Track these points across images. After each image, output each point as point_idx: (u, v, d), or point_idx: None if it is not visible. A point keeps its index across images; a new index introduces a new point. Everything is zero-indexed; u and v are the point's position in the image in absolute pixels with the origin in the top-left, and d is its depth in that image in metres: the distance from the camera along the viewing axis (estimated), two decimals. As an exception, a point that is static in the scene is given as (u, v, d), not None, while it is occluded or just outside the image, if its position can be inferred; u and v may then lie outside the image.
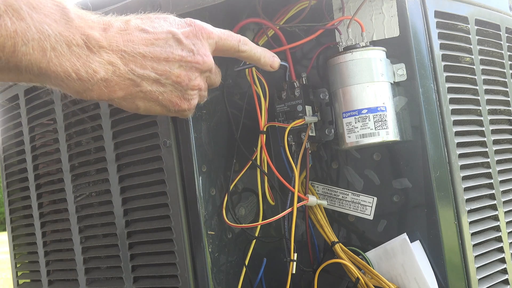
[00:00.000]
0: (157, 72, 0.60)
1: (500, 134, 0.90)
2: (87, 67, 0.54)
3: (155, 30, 0.60)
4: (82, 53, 0.54)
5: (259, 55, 0.71)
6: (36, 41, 0.50)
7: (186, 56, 0.62)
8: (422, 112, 0.74)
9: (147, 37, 0.59)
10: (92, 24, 0.56)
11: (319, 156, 0.82)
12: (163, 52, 0.60)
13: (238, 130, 0.80)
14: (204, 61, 0.63)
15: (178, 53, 0.61)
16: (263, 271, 0.80)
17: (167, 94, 0.62)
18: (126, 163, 0.82)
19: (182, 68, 0.62)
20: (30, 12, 0.50)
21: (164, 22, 0.62)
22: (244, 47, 0.69)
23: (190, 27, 0.63)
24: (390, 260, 0.74)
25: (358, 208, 0.79)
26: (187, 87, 0.63)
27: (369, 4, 0.76)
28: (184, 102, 0.64)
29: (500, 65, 0.92)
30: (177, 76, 0.62)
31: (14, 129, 1.02)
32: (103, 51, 0.56)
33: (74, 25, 0.54)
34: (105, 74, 0.56)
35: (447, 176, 0.75)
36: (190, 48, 0.62)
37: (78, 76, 0.54)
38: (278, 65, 0.74)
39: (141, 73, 0.59)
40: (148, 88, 0.61)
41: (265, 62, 0.72)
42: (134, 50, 0.58)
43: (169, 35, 0.61)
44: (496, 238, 0.84)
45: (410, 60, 0.74)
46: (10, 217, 1.07)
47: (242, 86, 0.83)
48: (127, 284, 0.83)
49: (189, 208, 0.75)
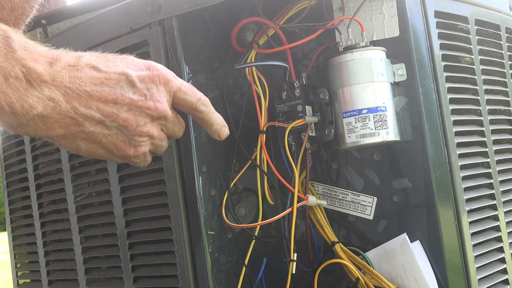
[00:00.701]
0: (103, 113, 0.57)
1: (500, 134, 0.90)
2: (23, 102, 0.51)
3: (108, 69, 0.57)
4: (20, 86, 0.51)
5: (214, 120, 0.67)
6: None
7: (137, 100, 0.58)
8: (422, 112, 0.74)
9: (97, 76, 0.56)
10: (37, 57, 0.53)
11: (319, 156, 0.82)
12: (112, 93, 0.57)
13: (238, 130, 0.80)
14: (156, 107, 0.60)
15: (128, 96, 0.58)
16: (263, 271, 0.80)
17: (111, 138, 0.59)
18: (126, 163, 0.82)
19: (131, 112, 0.58)
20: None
21: (121, 63, 0.58)
22: (202, 108, 0.65)
23: (148, 71, 0.59)
24: (390, 260, 0.74)
25: (358, 208, 0.79)
26: (134, 133, 0.59)
27: (369, 4, 0.76)
28: (129, 148, 0.61)
29: (500, 65, 0.92)
30: (124, 120, 0.58)
31: (14, 129, 1.02)
32: (45, 86, 0.53)
33: (15, 57, 0.51)
34: (43, 110, 0.53)
35: (447, 176, 0.75)
36: (142, 93, 0.59)
37: (12, 110, 0.51)
38: (225, 137, 0.70)
39: (84, 112, 0.55)
40: (91, 129, 0.57)
41: (215, 129, 0.68)
42: (80, 88, 0.55)
43: (122, 76, 0.58)
44: (496, 238, 0.84)
45: (410, 60, 0.74)
46: (10, 217, 1.07)
47: (242, 86, 0.83)
48: (127, 284, 0.83)
49: (189, 208, 0.75)
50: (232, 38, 0.78)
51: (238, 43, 0.80)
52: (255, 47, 0.79)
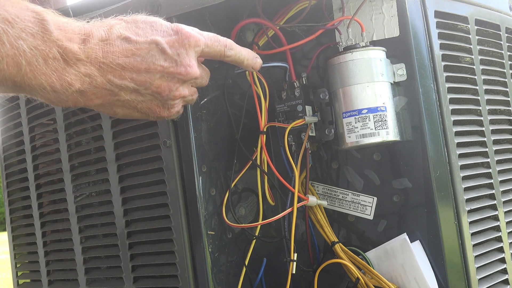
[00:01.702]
0: (136, 82, 0.59)
1: (500, 134, 0.90)
2: (62, 80, 0.54)
3: (138, 38, 0.59)
4: (58, 66, 0.54)
5: (243, 58, 0.70)
6: (11, 57, 0.50)
7: (169, 67, 0.60)
8: (422, 112, 0.74)
9: (129, 47, 0.58)
10: (71, 35, 0.55)
11: (319, 156, 0.82)
12: (144, 62, 0.59)
13: (239, 130, 0.80)
14: (188, 72, 0.62)
15: (160, 63, 0.60)
16: (263, 271, 0.80)
17: (145, 103, 0.62)
18: (126, 163, 0.82)
19: (163, 79, 0.61)
20: (5, 28, 0.50)
21: (150, 29, 0.60)
22: (229, 52, 0.68)
23: (176, 36, 0.61)
24: (390, 260, 0.74)
25: (358, 208, 0.79)
26: (168, 97, 0.62)
27: (369, 4, 0.76)
28: (163, 111, 0.63)
29: (500, 65, 0.92)
30: (157, 86, 0.61)
31: (14, 129, 1.02)
32: (81, 64, 0.55)
33: (52, 38, 0.53)
34: (80, 86, 0.56)
35: (447, 176, 0.75)
36: (173, 59, 0.60)
37: (53, 89, 0.54)
38: (259, 67, 0.73)
39: (119, 83, 0.58)
40: (126, 98, 0.60)
41: (247, 64, 0.71)
42: (113, 62, 0.57)
43: (153, 45, 0.59)
44: (496, 238, 0.84)
45: (410, 60, 0.74)
46: (10, 217, 1.07)
47: (242, 86, 0.83)
48: (127, 284, 0.83)
49: (189, 208, 0.75)
50: (232, 39, 0.78)
51: (238, 43, 0.80)
52: (255, 48, 0.79)
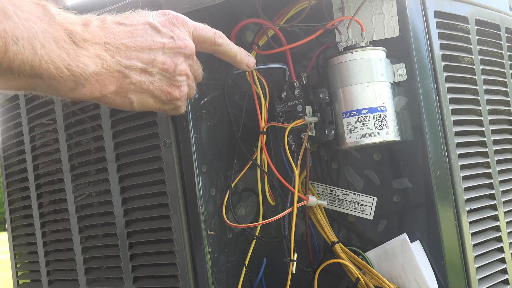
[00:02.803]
0: (143, 61, 0.61)
1: (500, 134, 0.90)
2: (78, 62, 0.55)
3: (132, 22, 0.61)
4: (70, 48, 0.55)
5: (235, 51, 0.72)
6: (26, 39, 0.50)
7: (168, 43, 0.63)
8: (422, 112, 0.74)
9: (126, 29, 0.60)
10: (72, 20, 0.56)
11: (319, 156, 0.82)
12: (144, 41, 0.61)
13: (239, 130, 0.80)
14: (186, 45, 0.64)
15: (158, 40, 0.62)
16: (263, 271, 0.80)
17: (157, 83, 0.63)
18: (126, 163, 0.82)
19: (166, 55, 0.63)
20: (15, 10, 0.50)
21: (138, 16, 0.63)
22: (220, 40, 0.70)
23: (165, 16, 0.64)
24: (390, 260, 0.74)
25: (358, 208, 0.79)
26: (175, 73, 0.64)
27: (369, 4, 0.76)
28: (175, 90, 0.65)
29: (500, 65, 0.92)
30: (163, 63, 0.63)
31: (14, 129, 1.02)
32: (89, 45, 0.56)
33: (57, 22, 0.54)
34: (95, 67, 0.57)
35: (447, 176, 0.75)
36: (169, 35, 0.63)
37: (71, 72, 0.54)
38: (254, 65, 0.74)
39: (127, 63, 0.60)
40: (138, 79, 0.61)
41: (241, 59, 0.73)
42: (117, 42, 0.59)
43: (147, 25, 0.62)
44: (496, 238, 0.84)
45: (410, 60, 0.74)
46: (10, 217, 1.07)
47: (242, 86, 0.83)
48: (127, 284, 0.83)
49: (189, 208, 0.75)
50: (232, 39, 0.78)
51: (238, 43, 0.80)
52: (255, 48, 0.79)
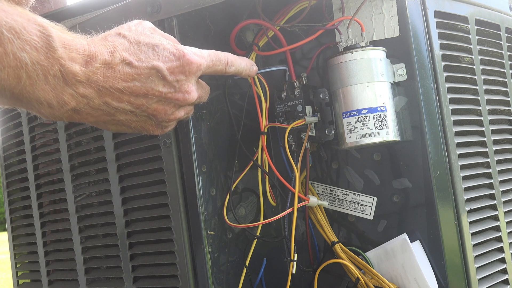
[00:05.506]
0: (133, 105, 0.60)
1: (500, 134, 0.90)
2: (59, 98, 0.55)
3: (139, 64, 0.59)
4: (57, 83, 0.54)
5: (241, 70, 0.72)
6: (12, 68, 0.50)
7: (167, 93, 0.61)
8: (422, 112, 0.74)
9: (130, 72, 0.58)
10: (75, 55, 0.55)
11: (319, 156, 0.82)
12: (143, 87, 0.59)
13: (240, 130, 0.80)
14: (185, 98, 0.63)
15: (158, 89, 0.60)
16: (263, 271, 0.80)
17: (140, 123, 0.63)
18: (126, 163, 0.82)
19: (160, 103, 0.61)
20: (11, 37, 0.49)
21: (152, 54, 0.60)
22: (230, 69, 0.69)
23: (177, 62, 0.61)
24: (390, 260, 0.74)
25: (358, 208, 0.79)
26: (162, 120, 0.63)
27: (369, 4, 0.76)
28: (157, 130, 0.65)
29: (500, 65, 0.92)
30: (154, 110, 0.61)
31: (14, 129, 1.02)
32: (80, 85, 0.55)
33: (55, 56, 0.53)
34: (76, 105, 0.56)
35: (447, 176, 0.75)
36: (172, 85, 0.61)
37: (49, 105, 0.55)
38: (255, 73, 0.76)
39: (116, 105, 0.59)
40: (121, 118, 0.61)
41: (245, 74, 0.74)
42: (113, 86, 0.57)
43: (153, 70, 0.59)
44: (496, 238, 0.84)
45: (410, 60, 0.74)
46: (10, 217, 1.07)
47: (242, 87, 0.83)
48: (127, 284, 0.83)
49: (189, 208, 0.75)
50: (231, 40, 0.78)
51: (239, 43, 0.80)
52: (255, 49, 0.79)
